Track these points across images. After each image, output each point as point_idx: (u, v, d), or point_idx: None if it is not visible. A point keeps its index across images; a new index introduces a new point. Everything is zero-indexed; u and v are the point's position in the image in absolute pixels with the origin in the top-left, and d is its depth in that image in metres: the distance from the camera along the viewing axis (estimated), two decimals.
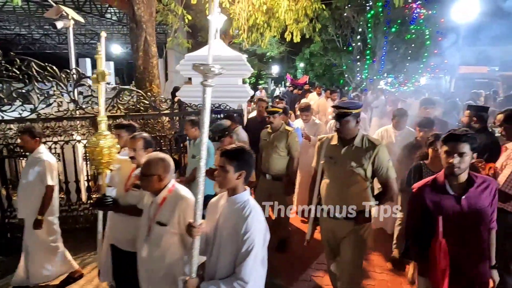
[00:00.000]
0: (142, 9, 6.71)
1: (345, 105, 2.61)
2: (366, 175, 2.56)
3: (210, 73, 1.81)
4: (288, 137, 3.95)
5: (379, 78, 18.24)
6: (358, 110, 2.61)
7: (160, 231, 2.21)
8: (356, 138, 2.61)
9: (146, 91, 6.86)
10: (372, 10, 16.75)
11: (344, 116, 2.54)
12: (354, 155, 2.58)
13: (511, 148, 2.77)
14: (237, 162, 1.91)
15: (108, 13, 16.72)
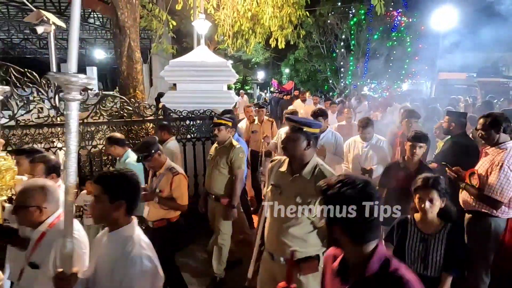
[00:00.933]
0: (125, 14, 6.64)
1: (299, 119, 2.22)
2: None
3: (72, 85, 1.40)
4: (230, 152, 3.50)
5: (362, 84, 18.58)
6: (313, 129, 2.13)
7: (32, 275, 1.79)
8: (306, 167, 2.12)
9: (130, 97, 6.77)
10: (355, 17, 17.13)
11: (293, 131, 2.10)
12: (301, 188, 2.09)
13: (491, 153, 2.84)
14: (113, 191, 1.56)
15: (91, 18, 16.51)
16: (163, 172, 3.05)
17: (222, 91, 4.87)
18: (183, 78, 4.76)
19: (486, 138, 2.89)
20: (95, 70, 23.48)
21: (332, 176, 1.98)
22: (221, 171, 3.52)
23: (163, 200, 2.98)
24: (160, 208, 3.00)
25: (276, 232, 2.14)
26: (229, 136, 3.64)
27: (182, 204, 3.05)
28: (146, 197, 2.96)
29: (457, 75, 16.89)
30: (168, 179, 2.99)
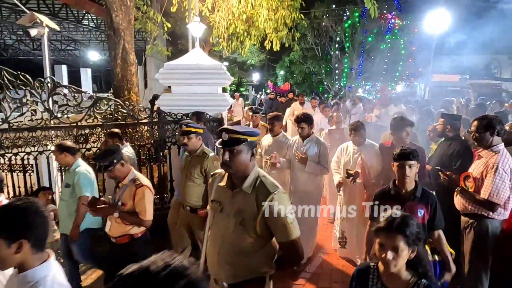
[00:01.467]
0: (120, 16, 6.62)
1: (238, 128, 1.91)
2: (257, 233, 1.85)
3: None
4: (204, 161, 3.31)
5: (357, 86, 18.69)
6: (254, 138, 1.91)
7: None
8: (247, 179, 1.89)
9: (124, 99, 6.75)
10: (349, 20, 17.24)
11: (234, 143, 1.83)
12: (242, 204, 1.88)
13: (485, 156, 2.86)
14: (8, 230, 1.30)
15: (85, 19, 16.43)
16: (126, 184, 2.80)
17: (217, 94, 4.87)
18: (178, 80, 4.75)
19: (479, 141, 2.90)
20: (89, 72, 23.42)
21: (274, 188, 1.85)
22: (196, 182, 3.32)
23: (124, 214, 2.74)
24: (123, 223, 2.77)
25: (216, 254, 1.92)
26: (201, 143, 3.44)
27: (145, 220, 2.77)
28: (104, 211, 2.76)
29: (450, 77, 17.09)
30: (131, 191, 2.76)
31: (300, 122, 3.84)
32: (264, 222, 1.83)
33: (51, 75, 4.56)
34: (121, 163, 2.76)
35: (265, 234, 1.88)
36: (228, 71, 5.20)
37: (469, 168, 3.03)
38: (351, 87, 18.46)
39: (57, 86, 4.19)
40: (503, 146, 2.85)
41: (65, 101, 4.26)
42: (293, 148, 3.95)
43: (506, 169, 2.71)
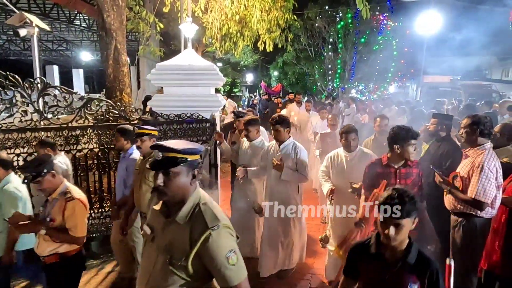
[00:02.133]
0: (112, 16, 6.57)
1: (176, 145, 1.56)
2: (190, 275, 1.52)
3: None
4: None
5: (350, 87, 18.82)
6: (196, 156, 1.59)
7: None
8: (183, 208, 1.56)
9: (117, 100, 6.70)
10: (342, 21, 17.36)
11: (171, 164, 1.52)
12: (173, 237, 1.55)
13: (471, 155, 2.91)
14: None
15: (77, 19, 16.27)
16: (56, 197, 2.54)
17: (209, 95, 4.85)
18: (170, 81, 4.73)
19: (467, 139, 2.95)
20: (82, 73, 23.19)
21: (214, 221, 1.51)
22: (151, 185, 3.01)
23: (52, 231, 2.47)
24: (51, 240, 2.51)
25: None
26: None
27: (77, 236, 2.51)
28: (28, 227, 2.51)
29: (441, 78, 17.27)
30: (60, 205, 2.50)
31: (275, 125, 3.50)
32: (200, 263, 1.51)
33: (42, 76, 4.52)
34: (52, 174, 2.48)
35: (201, 276, 1.55)
36: (222, 72, 5.19)
37: None
38: (344, 88, 18.57)
39: (47, 86, 4.14)
40: (490, 145, 2.88)
41: (56, 102, 4.21)
42: (270, 153, 3.65)
43: (491, 168, 2.74)
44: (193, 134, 4.65)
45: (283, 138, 3.55)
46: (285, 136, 3.55)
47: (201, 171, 1.67)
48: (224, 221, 1.56)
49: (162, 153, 1.51)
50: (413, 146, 2.73)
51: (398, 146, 2.75)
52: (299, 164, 3.49)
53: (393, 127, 2.82)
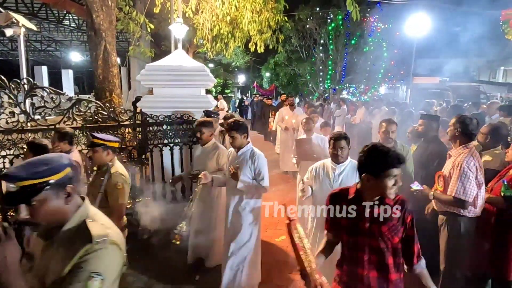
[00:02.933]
0: (101, 17, 6.50)
1: (30, 170, 1.28)
2: None
3: None
4: (109, 180, 2.77)
5: (341, 88, 18.96)
6: (61, 174, 1.33)
7: None
8: (64, 227, 1.34)
9: (106, 101, 6.63)
10: (333, 22, 17.48)
11: (33, 194, 1.27)
12: (51, 260, 1.31)
13: (454, 155, 2.95)
14: None
15: (66, 19, 16.06)
16: None
17: (199, 96, 4.84)
18: (160, 82, 4.70)
19: (451, 138, 3.00)
20: (71, 73, 22.93)
21: (102, 235, 1.28)
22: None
23: None
24: None
25: None
26: (112, 158, 2.89)
27: None
28: None
29: (430, 79, 17.52)
30: None
31: (230, 131, 3.19)
32: None
33: (31, 77, 4.45)
34: None
35: None
36: (213, 73, 5.18)
37: None
38: (335, 89, 18.70)
39: (34, 87, 4.08)
40: (473, 145, 2.93)
41: (43, 103, 4.15)
42: (229, 161, 3.39)
43: (471, 166, 2.77)
44: (184, 135, 4.64)
45: (239, 144, 3.23)
46: (242, 142, 3.24)
47: (77, 184, 1.39)
48: (113, 238, 1.34)
49: (15, 184, 1.24)
50: (393, 179, 1.81)
51: (370, 176, 1.84)
52: (256, 172, 3.20)
53: (367, 147, 1.90)
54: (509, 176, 2.98)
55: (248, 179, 3.18)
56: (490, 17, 13.87)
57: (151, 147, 4.59)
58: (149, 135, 4.57)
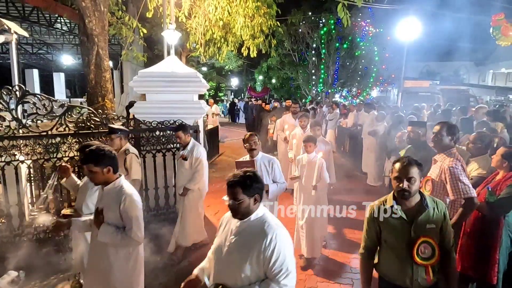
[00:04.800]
0: (93, 22, 6.50)
1: None
2: None
3: None
4: None
5: (333, 91, 19.12)
6: None
7: None
8: None
9: (99, 106, 6.62)
10: (325, 27, 17.64)
11: None
12: None
13: (440, 160, 3.02)
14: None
15: (57, 22, 15.95)
16: None
17: (192, 102, 4.87)
18: (152, 88, 4.73)
19: (437, 143, 3.06)
20: (63, 76, 22.75)
21: None
22: None
23: None
24: None
25: None
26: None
27: None
28: None
29: (421, 83, 17.74)
30: None
31: (87, 163, 2.40)
32: None
33: (22, 80, 4.43)
34: None
35: None
36: (206, 76, 5.24)
37: None
38: (328, 92, 18.85)
39: (26, 94, 4.07)
40: (455, 150, 3.01)
41: (35, 109, 4.14)
42: None
43: (458, 166, 2.83)
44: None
45: (103, 180, 2.45)
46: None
47: None
48: None
49: None
50: None
51: None
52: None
53: None
54: (494, 182, 3.07)
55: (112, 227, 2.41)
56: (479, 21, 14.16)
57: (143, 153, 4.60)
58: (142, 141, 4.58)
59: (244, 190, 1.83)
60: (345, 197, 6.24)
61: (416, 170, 2.09)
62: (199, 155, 4.10)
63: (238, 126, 19.48)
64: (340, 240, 4.73)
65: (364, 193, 6.67)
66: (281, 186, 3.51)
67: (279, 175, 3.53)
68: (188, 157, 4.07)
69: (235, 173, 1.88)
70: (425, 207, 2.11)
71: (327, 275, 3.88)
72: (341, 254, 4.36)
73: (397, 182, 2.10)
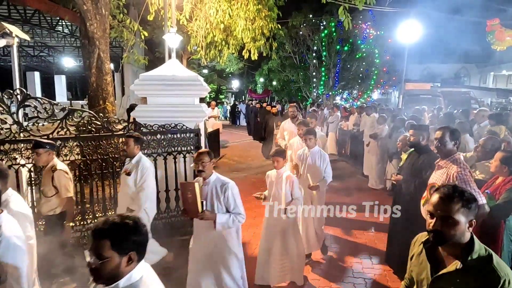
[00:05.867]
0: (95, 25, 6.53)
1: None
2: None
3: None
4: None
5: (334, 94, 19.11)
6: None
7: None
8: None
9: (100, 109, 6.63)
10: (325, 29, 17.65)
11: None
12: None
13: (445, 166, 3.00)
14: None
15: (59, 25, 16.00)
16: None
17: (193, 105, 4.86)
18: (153, 92, 4.72)
19: (439, 150, 3.05)
20: (64, 79, 22.82)
21: None
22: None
23: None
24: None
25: None
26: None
27: None
28: None
29: (422, 85, 17.73)
30: None
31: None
32: None
33: (23, 82, 4.44)
34: None
35: None
36: (207, 79, 5.22)
37: None
38: (328, 95, 18.84)
39: (27, 98, 4.07)
40: (459, 155, 2.99)
41: (36, 113, 4.14)
42: None
43: (467, 173, 2.83)
44: (178, 144, 4.65)
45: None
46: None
47: None
48: None
49: None
50: None
51: None
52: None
53: None
54: (494, 186, 3.05)
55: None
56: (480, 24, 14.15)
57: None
58: (143, 145, 4.57)
59: (113, 244, 1.34)
60: (345, 199, 6.23)
61: (460, 208, 1.44)
62: (145, 171, 3.65)
63: (239, 128, 19.50)
64: (342, 243, 4.71)
65: (365, 196, 6.66)
66: (234, 217, 2.86)
67: (233, 203, 2.88)
68: (132, 172, 3.66)
69: (105, 218, 1.39)
70: None
71: (330, 278, 3.86)
72: (343, 257, 4.34)
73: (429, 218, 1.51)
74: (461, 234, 1.45)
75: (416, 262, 1.67)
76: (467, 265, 1.43)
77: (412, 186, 3.57)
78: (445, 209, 1.45)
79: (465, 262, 1.44)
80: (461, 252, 1.46)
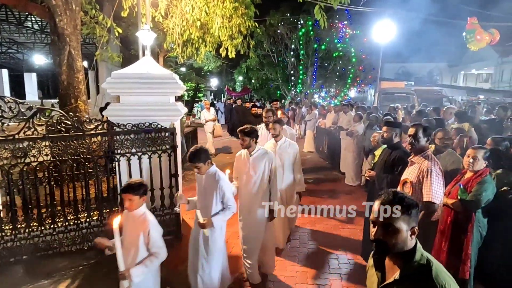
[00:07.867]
0: (65, 21, 6.28)
1: None
2: None
3: None
4: None
5: (312, 92, 19.32)
6: None
7: None
8: None
9: (71, 108, 6.40)
10: (303, 28, 17.80)
11: None
12: None
13: (417, 162, 3.08)
14: None
15: (28, 20, 15.36)
16: None
17: (168, 103, 4.76)
18: (127, 90, 4.59)
19: (414, 146, 3.13)
20: (35, 77, 21.92)
21: None
22: None
23: None
24: None
25: None
26: None
27: None
28: None
29: (396, 83, 18.23)
30: None
31: None
32: None
33: None
34: None
35: None
36: (185, 77, 5.13)
37: None
38: (307, 93, 19.02)
39: None
40: (430, 152, 3.10)
41: (0, 112, 3.94)
42: None
43: (437, 170, 2.94)
44: (152, 144, 4.55)
45: None
46: None
47: None
48: None
49: None
50: None
51: None
52: None
53: None
54: (465, 180, 3.17)
55: None
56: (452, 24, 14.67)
57: (118, 157, 4.47)
58: (116, 144, 4.44)
59: None
60: (323, 196, 6.32)
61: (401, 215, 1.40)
62: None
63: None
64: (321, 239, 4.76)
65: (342, 193, 6.77)
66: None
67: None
68: None
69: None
70: None
71: (307, 274, 3.88)
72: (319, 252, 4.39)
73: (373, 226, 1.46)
74: (403, 243, 1.39)
75: (370, 274, 1.62)
76: (404, 275, 1.37)
77: (384, 182, 3.65)
78: (384, 216, 1.41)
79: (402, 273, 1.38)
80: (402, 262, 1.42)
